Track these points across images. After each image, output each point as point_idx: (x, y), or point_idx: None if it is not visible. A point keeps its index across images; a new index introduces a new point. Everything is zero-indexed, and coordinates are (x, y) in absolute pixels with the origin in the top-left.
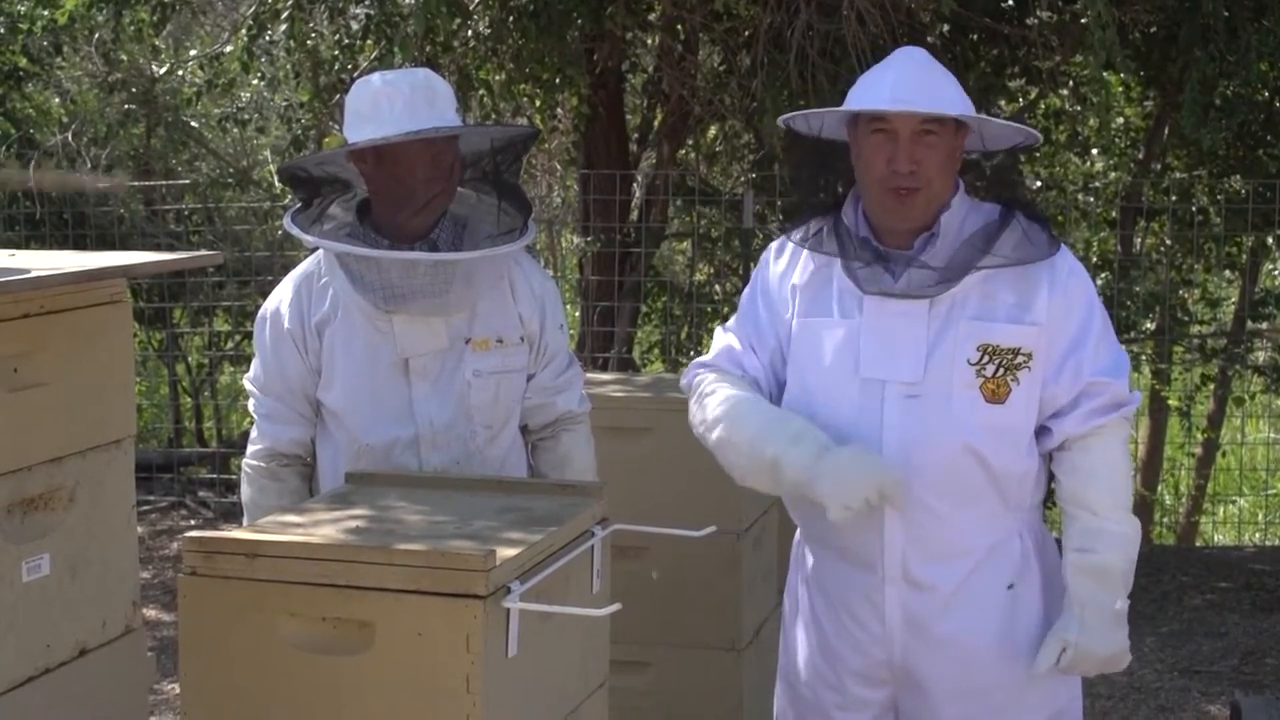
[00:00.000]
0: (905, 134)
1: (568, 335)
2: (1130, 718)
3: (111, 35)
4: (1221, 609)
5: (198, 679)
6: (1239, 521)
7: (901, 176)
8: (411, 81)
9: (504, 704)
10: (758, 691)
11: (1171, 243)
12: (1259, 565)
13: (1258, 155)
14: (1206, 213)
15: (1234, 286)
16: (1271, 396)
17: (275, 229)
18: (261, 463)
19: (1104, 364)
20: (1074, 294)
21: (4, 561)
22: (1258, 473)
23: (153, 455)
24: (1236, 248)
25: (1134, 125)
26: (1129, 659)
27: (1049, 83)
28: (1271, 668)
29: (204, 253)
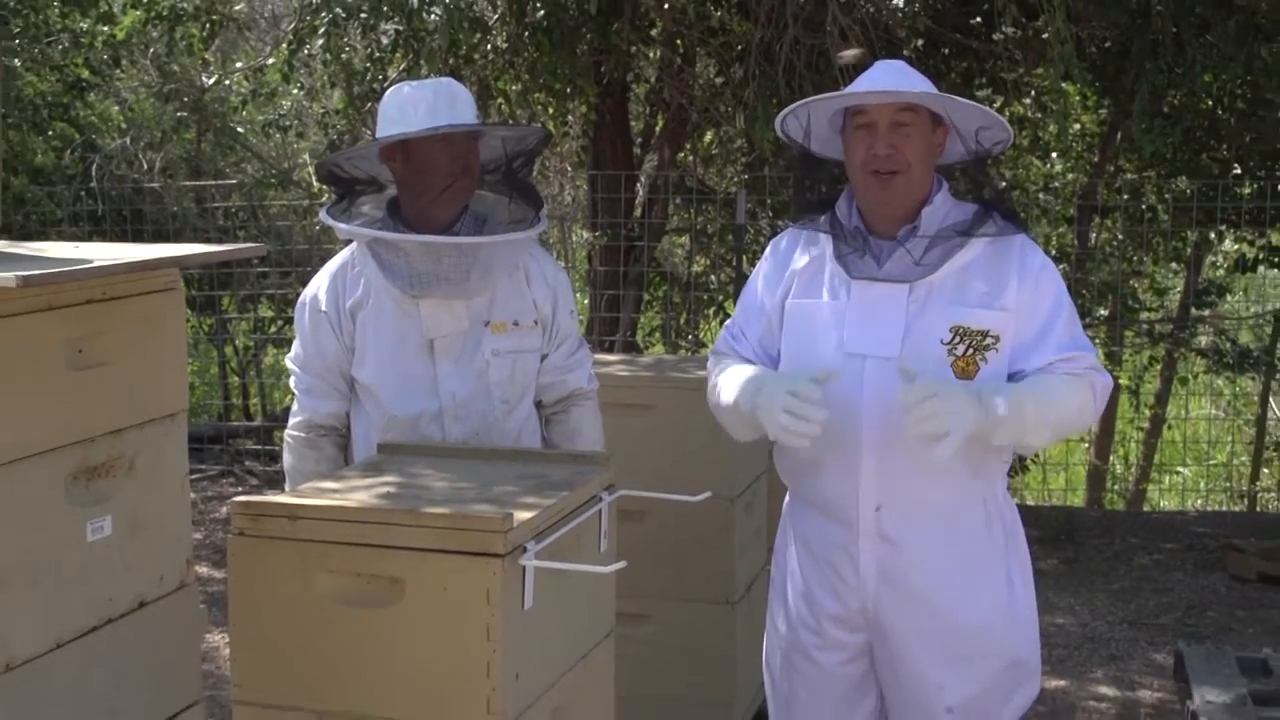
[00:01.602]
0: (883, 124)
1: (577, 320)
2: (1085, 665)
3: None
4: (1167, 568)
5: (245, 629)
6: (1183, 489)
7: (880, 160)
8: (435, 88)
9: (521, 651)
10: (749, 641)
11: (1123, 237)
12: (1200, 528)
13: (1201, 158)
14: (1155, 210)
15: (1179, 277)
16: (1212, 377)
17: (313, 224)
18: (301, 434)
19: (1070, 340)
20: (1044, 285)
21: (70, 523)
22: (1200, 445)
23: (204, 428)
24: (1182, 242)
25: (1090, 131)
26: (951, 445)
27: (1013, 92)
28: (1211, 620)
29: (249, 245)
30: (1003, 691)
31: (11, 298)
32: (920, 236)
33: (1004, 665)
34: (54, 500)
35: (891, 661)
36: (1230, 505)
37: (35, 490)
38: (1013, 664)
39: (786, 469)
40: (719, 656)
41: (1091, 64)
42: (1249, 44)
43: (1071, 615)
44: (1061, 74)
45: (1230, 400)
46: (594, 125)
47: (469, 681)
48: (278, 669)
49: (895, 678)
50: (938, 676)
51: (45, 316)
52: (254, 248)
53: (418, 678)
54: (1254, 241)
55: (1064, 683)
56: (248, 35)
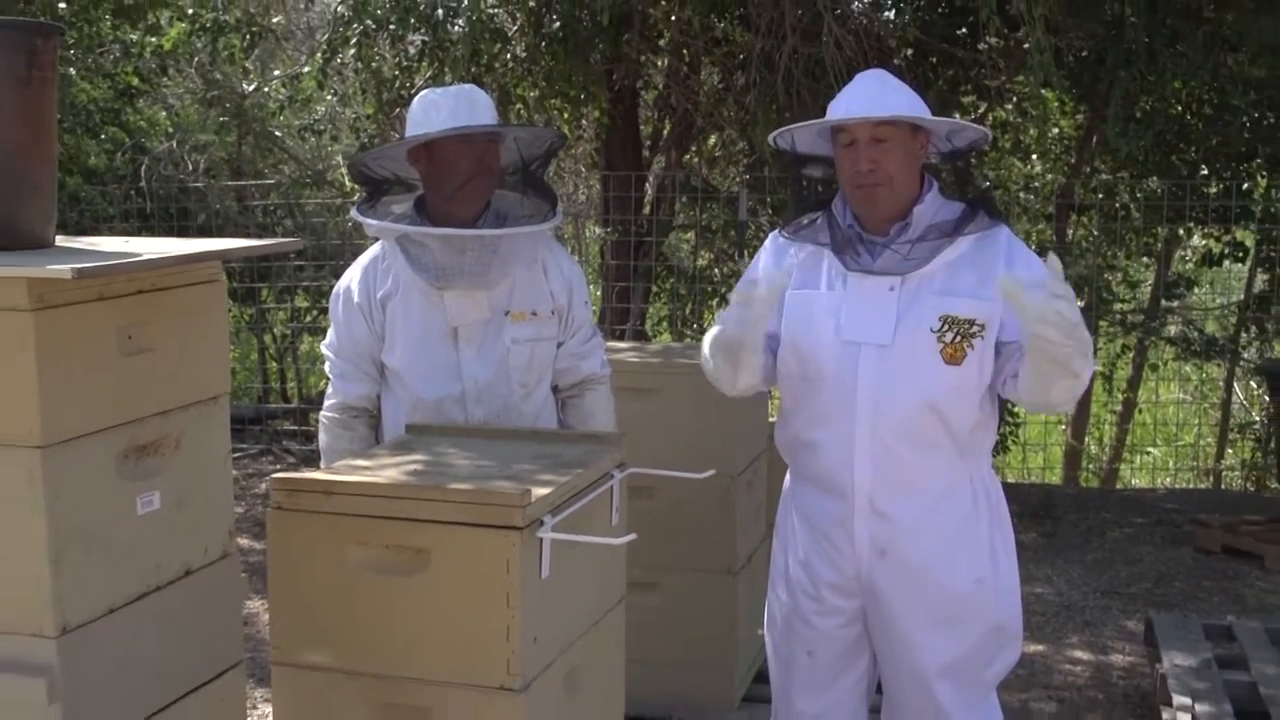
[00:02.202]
0: (864, 140)
1: (591, 310)
2: (1061, 631)
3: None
4: (1137, 541)
5: (283, 596)
6: (1153, 468)
7: (863, 175)
8: (457, 93)
9: (538, 617)
10: (749, 607)
11: (1098, 234)
12: (1169, 505)
13: (1171, 160)
14: (1128, 208)
15: (1150, 270)
16: (1181, 363)
17: (346, 221)
18: (336, 415)
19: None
20: (1033, 272)
21: (122, 497)
22: (1169, 427)
23: (245, 410)
24: (1153, 238)
25: (1067, 134)
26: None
27: (996, 98)
28: (1179, 590)
29: (286, 240)
30: (986, 655)
31: (67, 288)
32: (910, 234)
33: (988, 630)
34: (107, 476)
35: (884, 625)
36: (1197, 483)
37: (89, 466)
38: (996, 629)
39: (787, 447)
40: (721, 622)
41: (1069, 72)
42: (1216, 54)
43: (1049, 585)
44: (1041, 81)
45: (1197, 385)
46: (606, 129)
47: (490, 645)
48: (313, 633)
49: (887, 641)
50: (926, 640)
51: (98, 306)
52: (291, 242)
53: (442, 641)
54: (1220, 238)
55: (1042, 648)
56: (285, 45)
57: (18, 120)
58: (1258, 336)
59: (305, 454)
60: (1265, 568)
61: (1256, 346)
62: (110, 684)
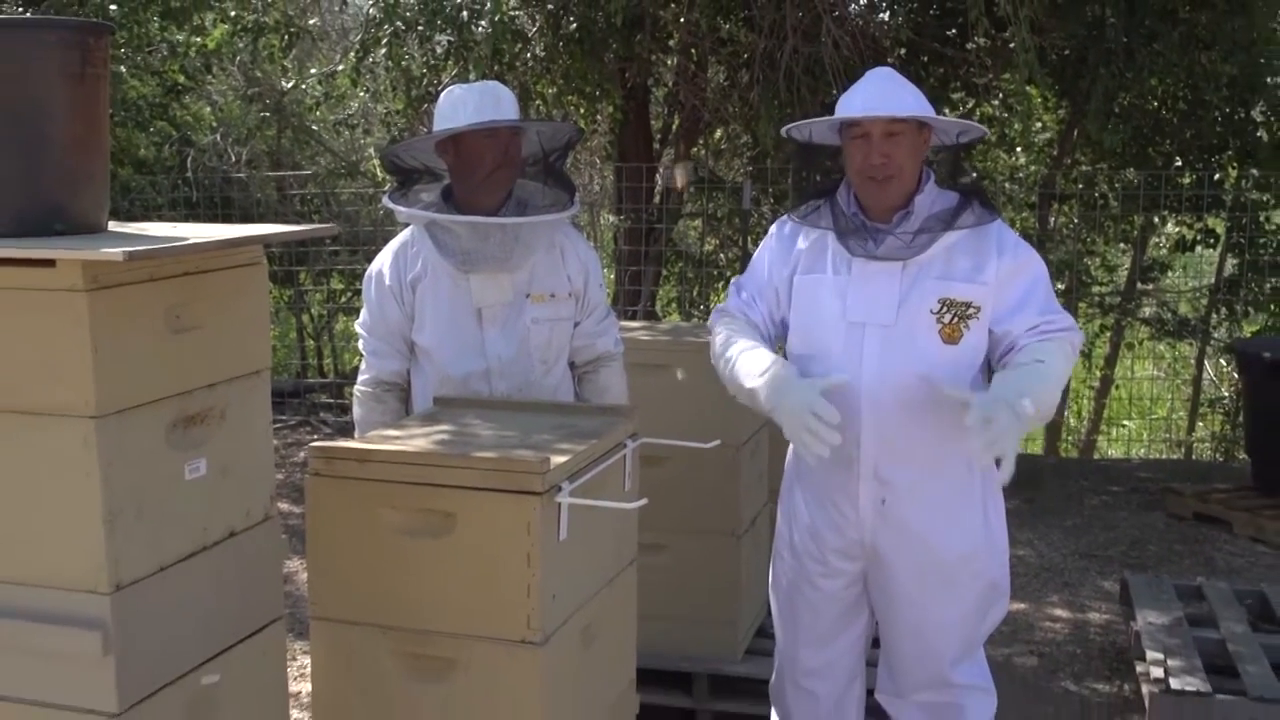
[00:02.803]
0: (876, 134)
1: (606, 292)
2: (1042, 591)
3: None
4: (1113, 508)
5: (320, 556)
6: (1128, 440)
7: (875, 168)
8: (482, 90)
9: (556, 576)
10: (752, 568)
11: (1078, 221)
12: (1143, 474)
13: (1148, 152)
14: (1107, 198)
15: (1127, 256)
16: (1155, 342)
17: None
18: (369, 389)
19: (1049, 306)
20: (1022, 261)
21: (171, 464)
22: (1143, 401)
23: (284, 384)
24: (1130, 225)
25: (1050, 128)
26: (1010, 467)
27: (983, 95)
28: (1152, 553)
29: (322, 226)
30: (980, 610)
31: (119, 270)
32: (912, 221)
33: (982, 587)
34: (157, 444)
35: (885, 585)
36: (1169, 454)
37: (141, 436)
38: (989, 586)
39: None
40: (726, 580)
41: (1052, 70)
42: (1191, 52)
43: (1030, 548)
44: (1026, 79)
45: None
46: (619, 123)
47: (512, 601)
48: (348, 590)
49: (888, 599)
50: (924, 598)
51: (148, 286)
52: (326, 228)
53: (467, 598)
54: (1192, 225)
55: (1024, 606)
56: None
57: (72, 114)
58: (1227, 317)
59: (340, 425)
60: (1233, 533)
61: (1226, 326)
62: (160, 637)
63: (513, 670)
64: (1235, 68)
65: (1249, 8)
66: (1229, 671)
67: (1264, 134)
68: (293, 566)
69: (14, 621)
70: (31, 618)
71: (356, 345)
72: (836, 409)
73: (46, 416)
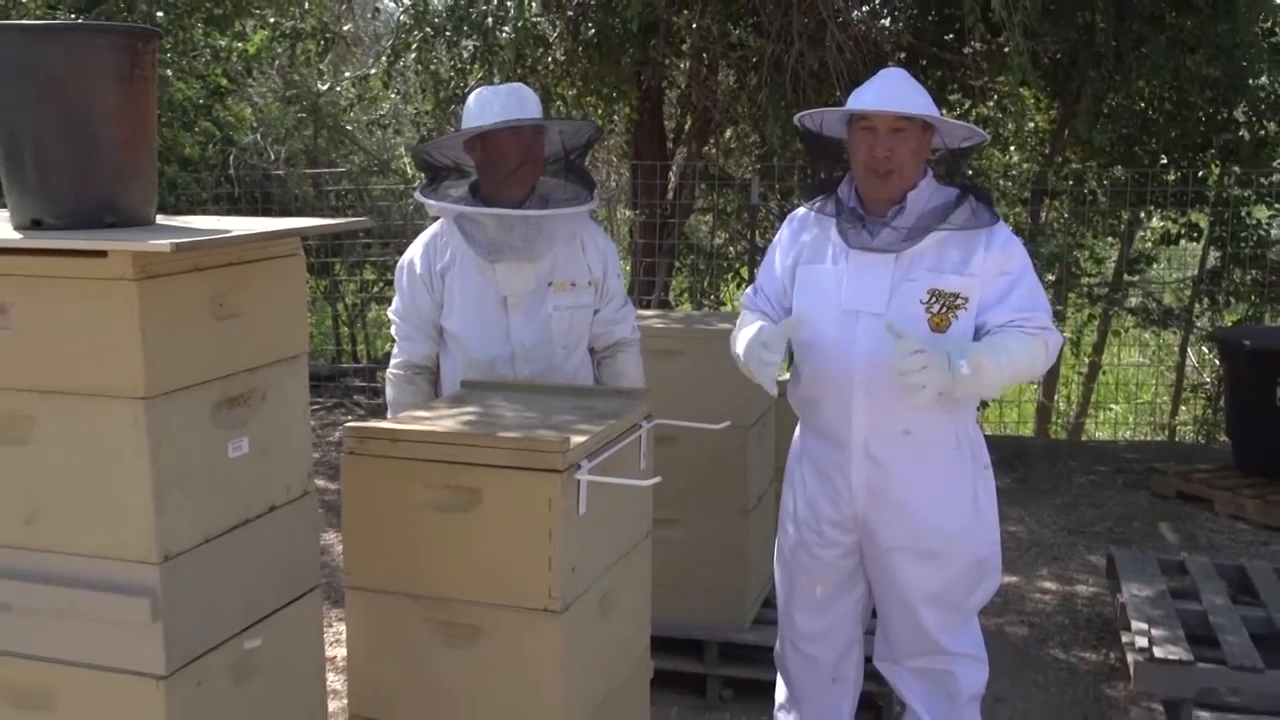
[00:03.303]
0: (883, 129)
1: (623, 281)
2: (1032, 565)
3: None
4: (1101, 486)
5: (355, 529)
6: (1115, 422)
7: (879, 161)
8: (508, 91)
9: (575, 548)
10: (759, 541)
11: (1068, 216)
12: (1129, 455)
13: (1135, 151)
14: (1095, 194)
15: (1114, 249)
16: (1140, 330)
17: (408, 204)
18: (400, 372)
19: (1028, 302)
20: (1009, 255)
21: (216, 442)
22: (1129, 386)
23: (320, 368)
24: (1117, 220)
25: (1042, 128)
26: (925, 397)
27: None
28: (1137, 529)
29: (356, 219)
30: (967, 585)
31: (167, 260)
32: (905, 216)
33: (969, 562)
34: (203, 424)
35: (877, 558)
36: (1153, 436)
37: (188, 416)
38: (976, 562)
39: (797, 403)
40: (735, 554)
41: (1044, 72)
42: (1176, 56)
43: (1021, 524)
44: (1019, 81)
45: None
46: (635, 123)
47: (534, 573)
48: (381, 561)
49: (880, 572)
50: (913, 572)
51: (194, 276)
52: (360, 221)
53: (492, 569)
54: (1177, 220)
55: (1015, 579)
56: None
57: (122, 114)
58: (1209, 307)
59: (373, 406)
60: (1214, 511)
61: (1208, 316)
62: (205, 604)
63: (535, 637)
64: (1218, 70)
65: (1233, 13)
66: (1210, 641)
67: (1245, 133)
68: (329, 539)
69: (69, 590)
70: (85, 586)
71: (388, 332)
72: (830, 392)
73: (99, 398)
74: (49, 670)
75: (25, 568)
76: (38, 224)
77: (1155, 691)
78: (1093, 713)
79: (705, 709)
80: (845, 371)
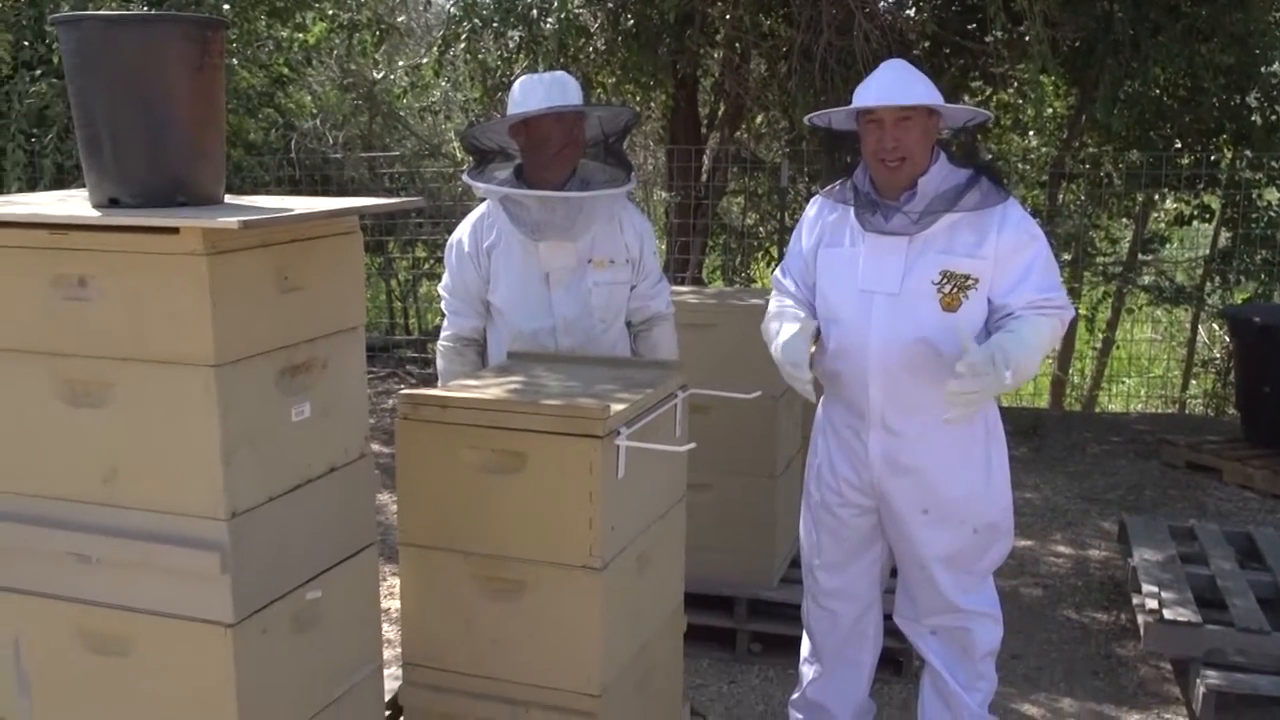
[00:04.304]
0: (889, 121)
1: (659, 259)
2: (1046, 530)
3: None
4: (1113, 456)
5: (408, 490)
6: (1127, 395)
7: (888, 151)
8: (552, 78)
9: (614, 509)
10: (786, 505)
11: (1085, 198)
12: (1140, 426)
13: (1150, 135)
14: (1111, 177)
15: (1129, 229)
16: (1153, 308)
17: (457, 186)
18: (450, 344)
19: (1046, 283)
20: (1023, 238)
21: (280, 407)
22: (1141, 361)
23: (374, 340)
24: (1132, 202)
25: (1060, 114)
26: (967, 415)
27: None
28: (1148, 497)
29: (409, 199)
30: (979, 548)
31: (235, 237)
32: (917, 200)
33: (980, 527)
34: (268, 390)
35: (893, 522)
36: (1164, 408)
37: (255, 382)
38: (988, 526)
39: (821, 376)
40: (763, 517)
41: (1063, 60)
42: (1191, 44)
43: (1036, 491)
44: (1039, 68)
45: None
46: (670, 109)
47: (575, 532)
48: (432, 520)
49: (897, 535)
50: (926, 535)
51: (260, 251)
52: (413, 201)
53: (536, 528)
54: (1189, 202)
55: (1030, 543)
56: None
57: (193, 99)
58: (1220, 285)
59: (423, 375)
60: (1223, 480)
61: (1219, 294)
62: (269, 558)
63: (576, 592)
64: (1232, 58)
65: (1247, 3)
66: (1217, 605)
67: (1258, 118)
68: (383, 499)
69: (144, 543)
70: (159, 540)
71: (438, 306)
72: (848, 366)
73: (172, 365)
74: (125, 618)
75: (104, 523)
76: (114, 202)
77: (1164, 651)
78: (1103, 670)
79: (735, 661)
80: (862, 349)
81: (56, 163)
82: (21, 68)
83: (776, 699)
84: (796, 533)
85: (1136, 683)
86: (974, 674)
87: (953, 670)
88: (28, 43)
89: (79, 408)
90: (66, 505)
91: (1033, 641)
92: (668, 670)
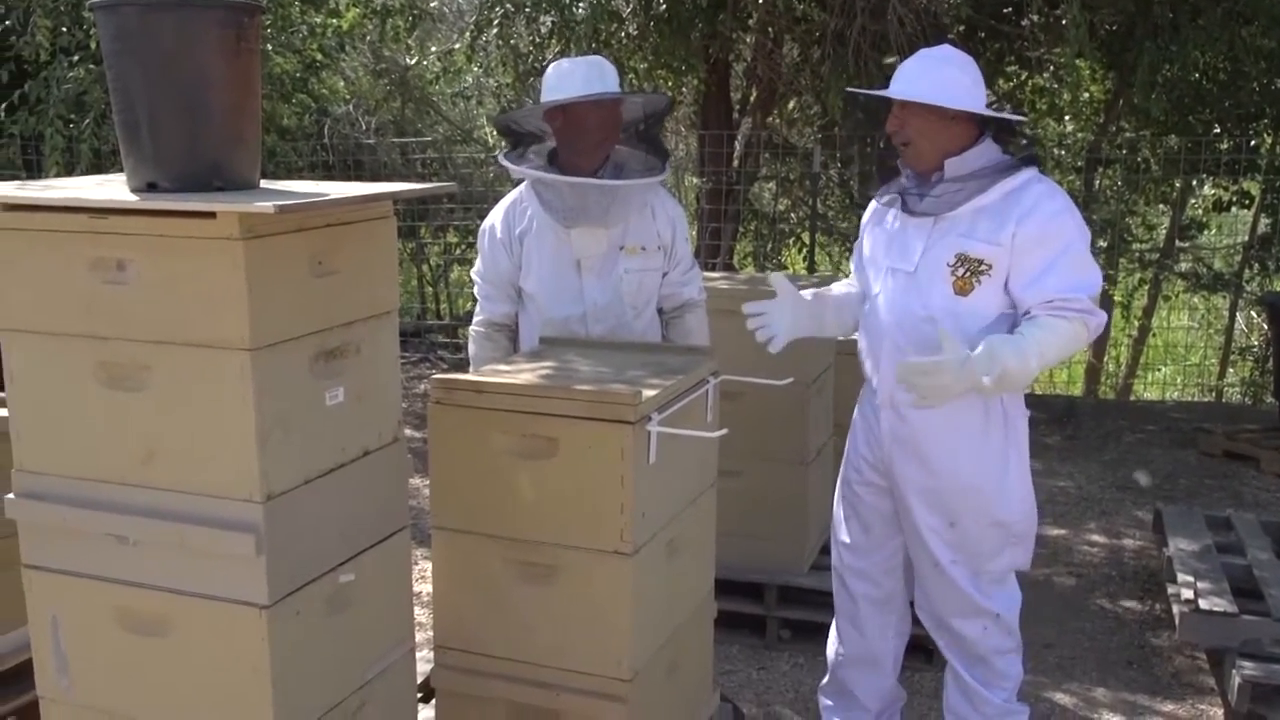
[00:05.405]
0: (895, 107)
1: (690, 245)
2: (1080, 519)
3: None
4: (1148, 445)
5: (440, 474)
6: (1163, 383)
7: (893, 135)
8: (589, 64)
9: (646, 495)
10: (818, 492)
11: (1121, 184)
12: (1176, 415)
13: (1188, 120)
14: (1148, 162)
15: (1166, 216)
16: (1190, 295)
17: (489, 172)
18: (482, 329)
19: (1070, 282)
20: (1049, 230)
21: (314, 391)
22: (1177, 349)
23: (406, 325)
24: (1169, 187)
25: (1096, 98)
26: (933, 407)
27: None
28: (1184, 486)
29: (441, 185)
30: (990, 545)
31: (271, 221)
32: (944, 183)
33: (988, 523)
34: (302, 374)
35: (902, 507)
36: (1201, 397)
37: (290, 366)
38: (996, 524)
39: (859, 352)
40: (794, 504)
41: (1100, 43)
42: (1231, 27)
43: (1070, 480)
44: (1076, 52)
45: (1204, 314)
46: (702, 95)
47: (607, 517)
48: (464, 504)
49: (905, 521)
50: (932, 523)
51: (295, 236)
52: (445, 186)
53: (568, 513)
54: (1228, 187)
55: (1064, 532)
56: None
57: (230, 84)
58: (1259, 272)
59: (455, 361)
60: (1260, 469)
61: (1258, 281)
62: (304, 540)
63: (607, 576)
64: (1274, 41)
65: None
66: (1254, 595)
67: None
68: (416, 483)
69: (181, 525)
70: (196, 522)
71: (470, 291)
72: (869, 343)
73: (208, 349)
74: (162, 599)
75: (142, 504)
76: (152, 187)
77: (1199, 641)
78: (1137, 660)
79: (764, 648)
80: (877, 324)
81: (94, 148)
82: (60, 53)
83: (806, 685)
84: (827, 519)
85: (1171, 673)
86: (992, 673)
87: (969, 668)
88: (65, 28)
89: (117, 390)
90: (105, 487)
91: (1066, 631)
92: (698, 656)
